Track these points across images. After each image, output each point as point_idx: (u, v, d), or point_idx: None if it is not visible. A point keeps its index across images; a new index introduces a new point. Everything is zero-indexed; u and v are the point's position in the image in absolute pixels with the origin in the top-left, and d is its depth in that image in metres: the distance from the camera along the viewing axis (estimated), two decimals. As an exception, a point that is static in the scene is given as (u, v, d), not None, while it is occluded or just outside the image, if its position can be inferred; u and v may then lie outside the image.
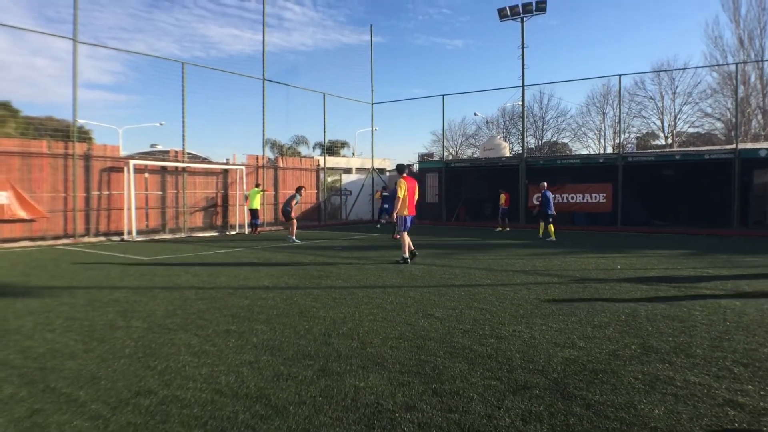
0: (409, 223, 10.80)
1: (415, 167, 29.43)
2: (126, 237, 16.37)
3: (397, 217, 10.92)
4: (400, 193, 10.62)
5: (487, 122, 50.22)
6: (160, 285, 8.16)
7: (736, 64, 27.13)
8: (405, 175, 10.89)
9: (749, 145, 23.40)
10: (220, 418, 3.29)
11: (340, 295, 7.33)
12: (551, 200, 16.57)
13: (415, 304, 6.65)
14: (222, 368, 4.21)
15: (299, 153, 45.33)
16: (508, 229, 19.99)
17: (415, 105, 55.56)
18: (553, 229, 16.25)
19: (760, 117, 37.41)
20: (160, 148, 32.61)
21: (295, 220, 16.13)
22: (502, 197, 20.08)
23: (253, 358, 4.48)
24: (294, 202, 16.12)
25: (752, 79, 37.05)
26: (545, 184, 17.01)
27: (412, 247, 10.90)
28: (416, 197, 11.00)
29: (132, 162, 16.79)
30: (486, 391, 3.73)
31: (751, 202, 20.79)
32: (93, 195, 16.24)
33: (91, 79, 61.64)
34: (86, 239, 15.75)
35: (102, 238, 16.17)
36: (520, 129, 26.84)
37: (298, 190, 16.57)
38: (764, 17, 36.55)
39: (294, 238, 15.83)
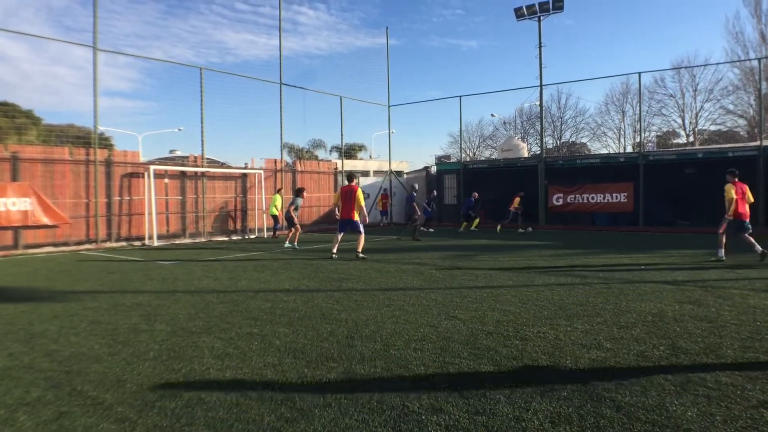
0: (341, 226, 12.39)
1: (433, 169, 29.36)
2: (147, 242, 16.55)
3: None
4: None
5: (504, 123, 50.00)
6: (181, 289, 8.21)
7: (759, 59, 26.58)
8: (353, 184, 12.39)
9: (773, 142, 22.89)
10: (246, 420, 3.28)
11: (361, 297, 7.31)
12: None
13: (437, 306, 6.60)
14: (246, 371, 4.21)
15: (317, 156, 45.57)
16: (521, 230, 20.08)
17: (431, 107, 55.47)
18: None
19: (784, 113, 36.65)
20: (179, 153, 32.94)
21: (298, 227, 15.39)
22: (517, 200, 20.43)
23: (276, 360, 4.47)
24: (293, 207, 15.37)
25: (775, 74, 36.31)
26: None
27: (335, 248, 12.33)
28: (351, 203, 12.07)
29: (152, 167, 16.98)
30: (513, 393, 3.67)
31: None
32: (114, 201, 16.45)
33: (110, 87, 62.80)
34: (108, 244, 15.95)
35: (124, 243, 16.36)
36: (538, 129, 26.58)
37: (299, 193, 15.94)
38: (787, 12, 35.87)
39: (295, 244, 15.00)
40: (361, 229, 12.19)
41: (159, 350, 4.84)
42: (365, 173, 29.80)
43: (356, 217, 12.07)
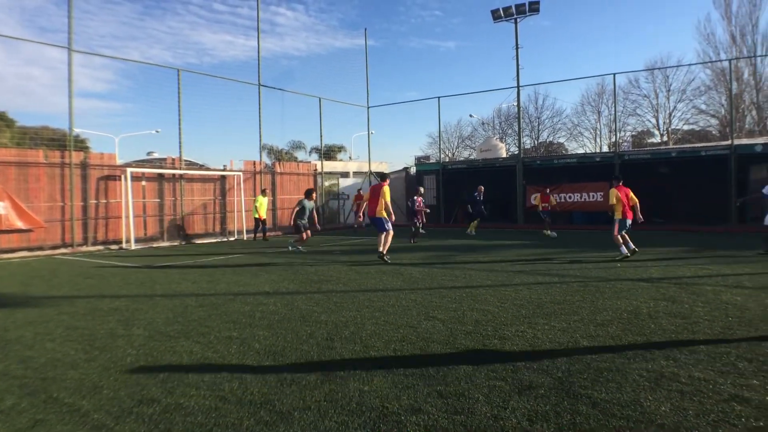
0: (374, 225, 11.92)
1: (413, 170, 29.44)
2: (124, 245, 16.32)
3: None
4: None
5: (482, 123, 50.34)
6: (160, 293, 8.13)
7: (729, 60, 27.23)
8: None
9: (744, 141, 23.46)
10: (225, 425, 3.26)
11: (341, 299, 7.31)
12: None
13: (416, 307, 6.64)
14: (225, 375, 4.19)
15: (296, 158, 45.33)
16: (547, 232, 17.91)
17: (410, 108, 55.43)
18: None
19: (754, 113, 37.57)
20: (156, 155, 32.59)
21: (304, 235, 14.64)
22: (538, 197, 19.44)
23: (255, 363, 4.46)
24: (298, 209, 14.60)
25: (745, 75, 37.22)
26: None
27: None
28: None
29: (129, 170, 16.76)
30: (491, 392, 3.71)
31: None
32: (90, 204, 16.20)
33: (86, 88, 61.67)
34: (84, 248, 15.70)
35: (100, 247, 16.12)
36: (516, 129, 26.87)
37: (308, 195, 14.94)
38: (755, 13, 36.80)
39: (299, 246, 14.66)
40: (388, 227, 11.51)
41: (136, 355, 4.79)
42: (345, 174, 29.74)
43: (383, 215, 11.48)
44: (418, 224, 17.00)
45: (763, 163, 20.10)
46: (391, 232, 11.56)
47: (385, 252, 11.42)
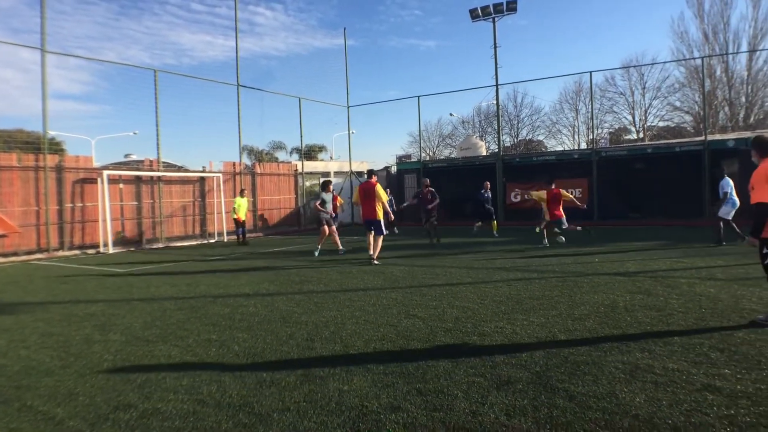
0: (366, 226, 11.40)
1: (393, 169, 29.47)
2: (102, 249, 16.09)
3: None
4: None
5: (462, 122, 50.62)
6: (137, 297, 8.03)
7: (702, 58, 27.68)
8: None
9: (717, 137, 23.90)
10: (203, 428, 3.24)
11: (321, 299, 7.29)
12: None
13: (397, 305, 6.65)
14: (203, 378, 4.16)
15: (277, 158, 45.13)
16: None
17: (391, 107, 55.86)
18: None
19: (726, 109, 38.26)
20: (134, 157, 32.16)
21: (325, 229, 13.19)
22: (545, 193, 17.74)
23: (235, 366, 4.44)
24: (319, 203, 13.22)
25: (718, 72, 37.91)
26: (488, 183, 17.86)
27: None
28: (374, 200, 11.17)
29: (105, 173, 16.51)
30: (470, 388, 3.74)
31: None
32: (66, 208, 15.93)
33: (61, 90, 60.65)
34: (61, 253, 15.43)
35: (77, 252, 15.86)
36: (496, 128, 27.04)
37: (325, 186, 13.59)
38: (727, 12, 37.51)
39: (319, 247, 13.16)
40: (383, 230, 11.13)
41: (113, 361, 4.73)
42: (326, 174, 29.66)
43: (380, 216, 11.09)
44: (434, 221, 15.49)
45: (735, 158, 20.50)
46: (382, 237, 11.16)
47: (376, 256, 11.02)
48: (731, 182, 12.28)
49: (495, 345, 4.78)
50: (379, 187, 11.15)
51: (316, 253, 12.83)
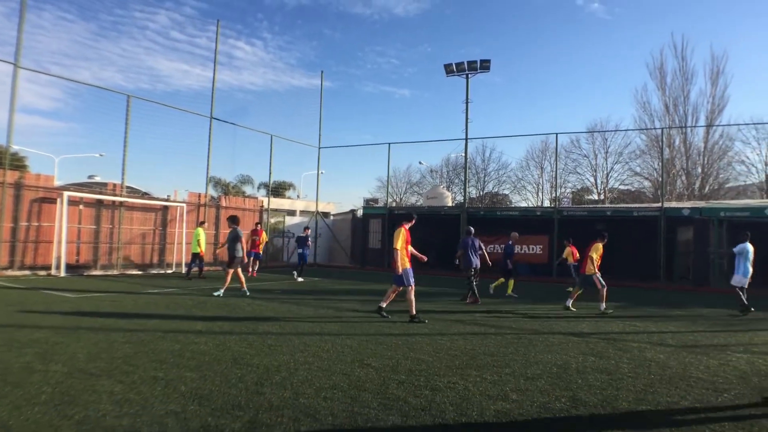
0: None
1: (359, 212, 29.59)
2: (54, 272, 15.54)
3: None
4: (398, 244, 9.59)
5: (431, 171, 51.36)
6: (85, 325, 7.75)
7: (662, 128, 29.12)
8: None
9: (674, 204, 24.89)
10: (139, 473, 3.12)
11: (275, 341, 7.17)
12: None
13: (351, 353, 6.59)
14: (145, 419, 4.01)
15: (244, 192, 44.77)
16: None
17: (361, 150, 56.10)
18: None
19: (684, 178, 39.95)
20: (98, 179, 31.47)
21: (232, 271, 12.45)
22: (569, 250, 17.59)
23: (179, 407, 4.30)
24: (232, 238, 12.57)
25: (677, 142, 39.75)
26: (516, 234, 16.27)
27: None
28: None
29: (66, 193, 16.13)
30: (417, 445, 3.71)
31: (675, 258, 21.94)
32: (21, 226, 15.42)
33: (29, 104, 59.43)
34: (9, 272, 14.85)
35: (27, 272, 15.29)
36: (463, 179, 27.56)
37: (234, 221, 12.88)
38: (687, 87, 39.66)
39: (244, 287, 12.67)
40: (401, 281, 9.58)
41: (52, 393, 4.53)
42: (292, 212, 29.59)
43: (406, 264, 9.74)
44: (474, 278, 13.06)
45: (690, 225, 21.34)
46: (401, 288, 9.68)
47: (385, 306, 9.87)
48: (751, 248, 11.91)
49: (446, 401, 4.76)
50: (400, 231, 9.70)
51: (217, 293, 12.08)
